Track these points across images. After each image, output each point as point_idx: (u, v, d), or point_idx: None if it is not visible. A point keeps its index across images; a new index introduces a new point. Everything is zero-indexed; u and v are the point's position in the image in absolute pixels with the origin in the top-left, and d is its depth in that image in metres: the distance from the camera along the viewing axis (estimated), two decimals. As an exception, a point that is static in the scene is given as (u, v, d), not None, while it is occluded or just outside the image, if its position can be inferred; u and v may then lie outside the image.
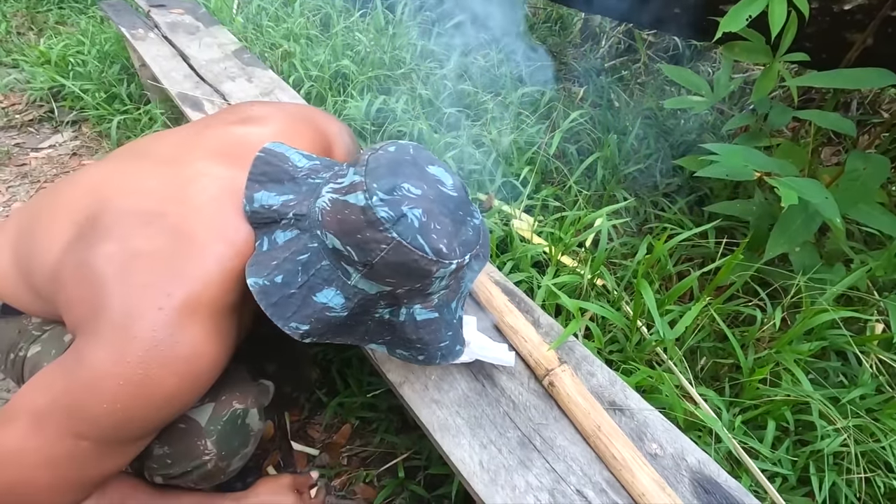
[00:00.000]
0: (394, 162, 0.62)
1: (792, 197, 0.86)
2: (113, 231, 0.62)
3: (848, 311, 0.98)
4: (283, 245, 0.64)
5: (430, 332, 0.68)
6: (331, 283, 0.62)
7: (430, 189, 0.61)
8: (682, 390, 0.97)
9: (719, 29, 1.05)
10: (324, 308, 0.63)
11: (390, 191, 0.59)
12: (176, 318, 0.58)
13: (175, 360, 0.58)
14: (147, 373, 0.57)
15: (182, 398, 0.61)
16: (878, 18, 1.20)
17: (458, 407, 0.78)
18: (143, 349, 0.57)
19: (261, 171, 0.68)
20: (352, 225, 0.59)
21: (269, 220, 0.66)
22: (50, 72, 1.97)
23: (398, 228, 0.58)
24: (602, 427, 0.73)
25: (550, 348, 0.81)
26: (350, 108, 1.57)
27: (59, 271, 0.64)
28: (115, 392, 0.56)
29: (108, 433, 0.59)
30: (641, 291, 0.95)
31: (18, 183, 1.78)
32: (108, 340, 0.57)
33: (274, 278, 0.62)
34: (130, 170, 0.71)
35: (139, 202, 0.65)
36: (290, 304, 0.62)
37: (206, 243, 0.63)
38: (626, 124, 1.90)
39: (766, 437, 0.94)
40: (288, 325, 0.62)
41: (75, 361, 0.58)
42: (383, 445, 1.14)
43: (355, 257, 0.60)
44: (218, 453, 0.70)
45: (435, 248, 0.59)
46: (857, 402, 0.98)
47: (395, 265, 0.59)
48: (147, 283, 0.59)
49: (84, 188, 0.70)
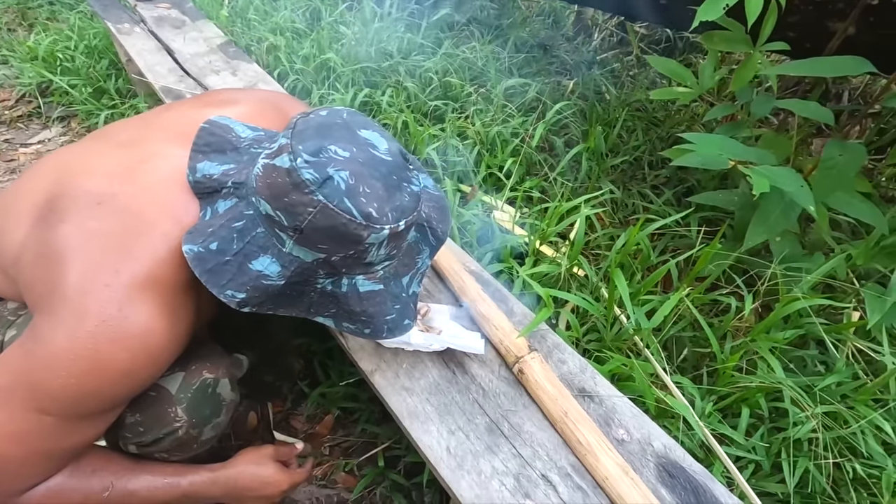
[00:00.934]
0: (322, 125, 0.62)
1: (763, 185, 0.86)
2: (69, 212, 0.63)
3: (821, 299, 0.98)
4: (222, 214, 0.64)
5: (374, 304, 0.67)
6: (266, 251, 0.62)
7: (359, 152, 0.61)
8: (657, 378, 0.97)
9: (696, 18, 1.04)
10: (259, 276, 0.62)
11: (316, 153, 0.58)
12: (124, 295, 0.59)
13: (125, 335, 0.59)
14: (97, 347, 0.58)
15: (137, 373, 0.62)
16: (858, 7, 1.20)
17: (429, 394, 0.78)
18: (93, 325, 0.58)
19: (204, 142, 0.69)
20: (279, 188, 0.59)
21: (211, 189, 0.66)
22: (38, 67, 1.97)
23: (324, 191, 0.57)
24: (569, 413, 0.73)
25: (520, 335, 0.82)
26: (335, 100, 1.57)
27: (22, 253, 0.65)
28: (69, 367, 0.57)
29: (68, 407, 0.60)
30: (615, 280, 0.95)
31: (7, 178, 1.79)
32: (61, 317, 0.58)
33: (209, 245, 0.62)
34: (89, 153, 0.72)
35: (94, 183, 0.65)
36: (225, 272, 0.62)
37: (154, 221, 0.64)
38: (617, 116, 1.89)
39: (740, 424, 0.95)
40: (223, 292, 0.62)
41: (32, 339, 0.60)
42: (364, 435, 1.15)
43: (285, 222, 0.59)
44: (189, 420, 0.71)
45: (364, 212, 0.58)
46: (831, 390, 0.98)
47: (324, 229, 0.59)
48: (97, 262, 0.60)
49: (46, 172, 0.71)
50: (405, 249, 0.71)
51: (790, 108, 1.13)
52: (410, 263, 0.72)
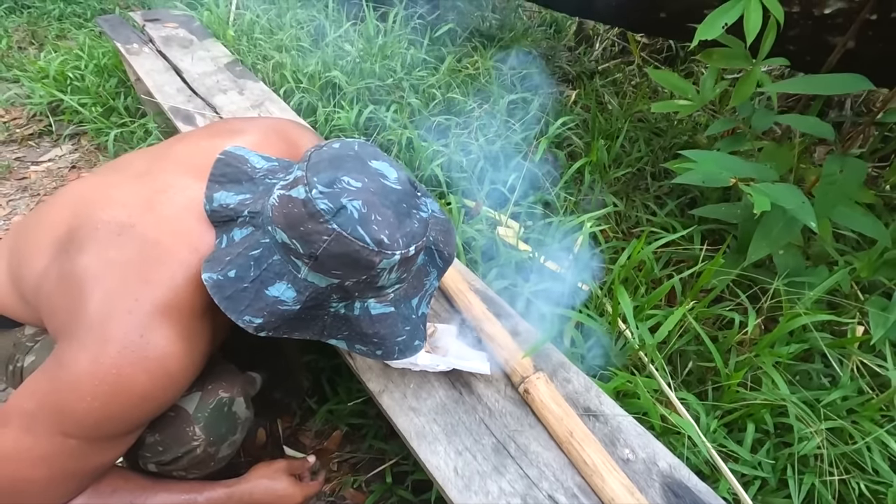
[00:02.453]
0: (335, 157, 0.65)
1: (764, 203, 0.87)
2: (89, 243, 0.66)
3: (824, 315, 0.99)
4: (239, 242, 0.67)
5: (385, 326, 0.70)
6: (282, 277, 0.65)
7: (371, 182, 0.63)
8: (662, 395, 0.98)
9: (695, 37, 1.06)
10: (276, 301, 0.65)
11: (330, 183, 0.61)
12: (145, 321, 0.62)
13: (145, 359, 0.61)
14: (120, 372, 0.60)
15: (157, 396, 0.64)
16: (857, 22, 1.21)
17: (436, 414, 0.79)
18: (116, 350, 0.60)
19: (221, 173, 0.72)
20: (295, 218, 0.61)
21: (228, 218, 0.69)
22: (49, 87, 2.01)
23: (338, 220, 0.60)
24: (574, 433, 0.74)
25: (525, 356, 0.83)
26: (340, 118, 1.60)
27: (43, 283, 0.68)
28: (93, 391, 0.60)
29: (91, 430, 0.62)
30: (618, 297, 0.96)
31: (19, 196, 1.82)
32: (84, 344, 0.61)
33: (227, 273, 0.64)
34: (107, 184, 0.75)
35: (113, 214, 0.68)
36: (243, 298, 0.64)
37: (172, 250, 0.66)
38: (619, 127, 1.91)
39: (746, 440, 0.95)
40: (241, 318, 0.64)
41: (56, 365, 0.62)
42: (372, 451, 1.16)
43: (301, 250, 0.62)
44: (206, 439, 0.73)
45: (376, 239, 0.61)
46: (837, 405, 0.99)
47: (339, 256, 0.61)
48: (118, 290, 0.63)
49: (65, 204, 0.73)
50: (414, 272, 0.73)
51: (790, 123, 1.15)
52: (419, 285, 0.74)
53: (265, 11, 2.16)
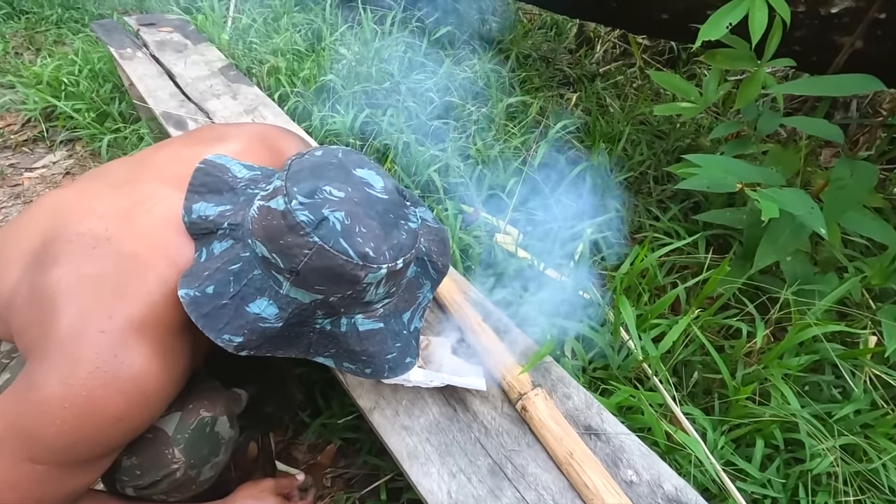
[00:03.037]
0: (317, 165, 0.61)
1: (773, 210, 0.83)
2: (63, 256, 0.62)
3: (835, 326, 0.95)
4: (218, 255, 0.63)
5: (374, 343, 0.66)
6: (263, 293, 0.61)
7: (355, 192, 0.60)
8: (667, 409, 0.94)
9: (699, 37, 1.03)
10: (257, 318, 0.61)
11: (310, 194, 0.58)
12: (119, 339, 0.58)
13: (119, 380, 0.58)
14: (91, 394, 0.56)
15: (132, 418, 0.61)
16: (865, 21, 1.18)
17: (429, 433, 0.76)
18: (87, 371, 0.57)
19: (200, 182, 0.68)
20: (275, 230, 0.58)
21: (207, 230, 0.65)
22: (43, 92, 1.99)
23: (319, 232, 0.56)
24: (575, 454, 0.70)
25: (523, 371, 0.79)
26: (335, 122, 1.57)
27: (14, 297, 0.64)
28: (63, 415, 0.56)
29: (62, 455, 0.59)
30: (621, 307, 0.93)
31: (11, 203, 1.79)
32: (54, 364, 0.57)
33: (205, 289, 0.61)
34: (84, 194, 0.71)
35: (88, 226, 0.65)
36: (221, 315, 0.61)
37: (149, 264, 0.63)
38: (621, 129, 1.87)
39: (755, 457, 0.91)
40: (220, 337, 0.61)
41: (25, 386, 0.58)
42: (366, 467, 1.12)
43: (281, 264, 0.59)
44: (186, 461, 0.69)
45: (360, 252, 0.57)
46: (850, 419, 0.95)
47: (321, 271, 0.58)
48: (91, 306, 0.59)
49: (41, 214, 0.70)
50: (405, 286, 0.69)
51: (797, 125, 1.11)
52: (411, 299, 0.70)
53: (261, 15, 2.13)
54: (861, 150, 1.92)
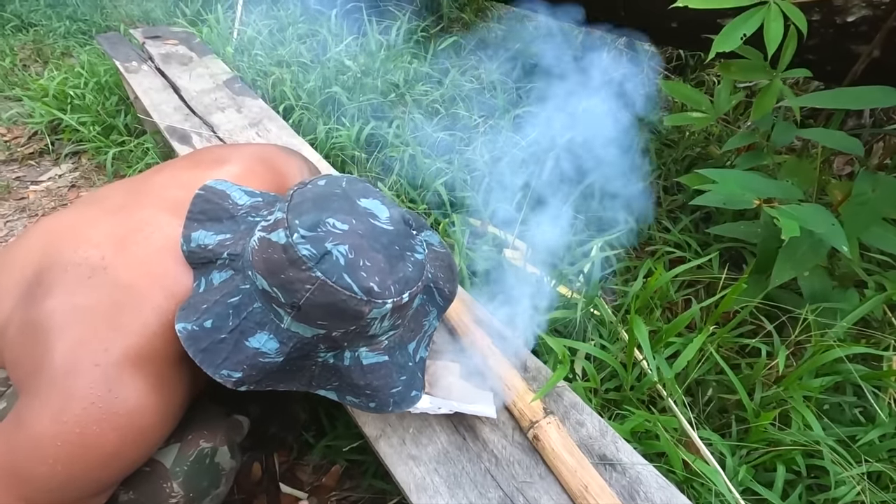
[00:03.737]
0: (320, 196, 0.60)
1: (794, 228, 0.80)
2: (57, 286, 0.61)
3: (860, 348, 0.91)
4: (217, 287, 0.61)
5: (379, 377, 0.64)
6: (263, 327, 0.59)
7: (359, 223, 0.58)
8: (683, 433, 0.91)
9: (712, 49, 1.00)
10: (256, 354, 0.59)
11: (313, 227, 0.56)
12: (114, 374, 0.56)
13: (114, 416, 0.56)
14: (84, 431, 0.54)
15: (127, 454, 0.59)
16: (883, 30, 1.15)
17: (437, 464, 0.73)
18: (81, 407, 0.55)
19: (200, 210, 0.66)
20: (275, 264, 0.56)
21: (206, 260, 0.63)
22: (49, 106, 1.99)
23: (322, 267, 0.54)
24: (590, 487, 0.67)
25: (535, 398, 0.76)
26: (341, 135, 1.55)
27: (7, 328, 0.62)
28: (55, 453, 0.54)
29: (55, 495, 0.57)
30: (635, 330, 0.90)
31: (17, 217, 1.79)
32: (46, 400, 0.55)
33: (203, 323, 0.59)
34: (80, 221, 0.70)
35: (84, 255, 0.63)
36: (220, 350, 0.59)
37: (145, 295, 0.61)
38: (630, 139, 1.85)
39: (777, 484, 0.88)
40: (218, 372, 0.59)
41: (16, 423, 0.56)
42: (372, 490, 1.09)
43: (282, 299, 0.57)
44: (185, 495, 0.67)
45: (364, 287, 0.56)
46: (875, 444, 0.91)
47: (324, 306, 0.56)
48: (85, 340, 0.57)
49: (36, 241, 0.68)
50: (411, 316, 0.67)
51: (814, 137, 1.08)
52: (417, 328, 0.68)
53: (266, 27, 2.13)
54: (875, 158, 1.88)
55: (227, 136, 1.42)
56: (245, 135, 1.43)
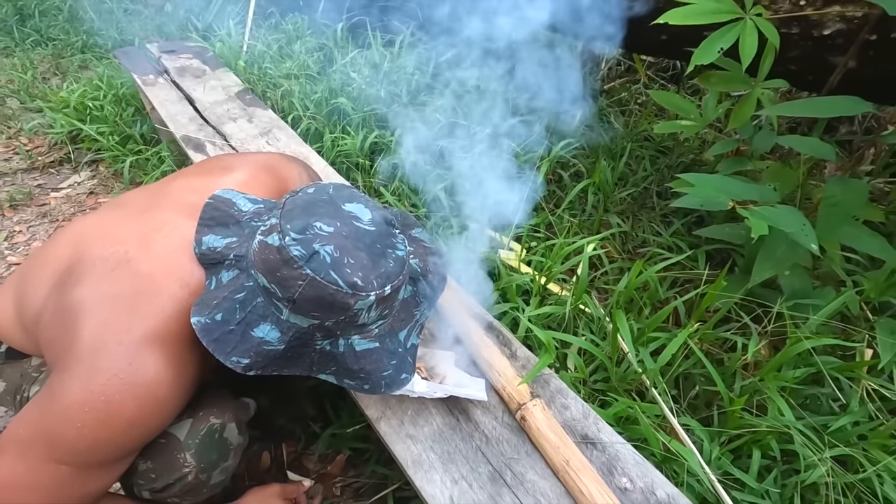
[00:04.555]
0: (308, 203, 0.68)
1: (762, 227, 0.87)
2: (85, 277, 0.69)
3: (828, 339, 0.97)
4: (225, 284, 0.69)
5: (370, 361, 0.71)
6: (266, 319, 0.67)
7: (343, 226, 0.66)
8: (665, 421, 0.97)
9: (691, 62, 1.07)
10: (261, 342, 0.67)
11: (302, 230, 0.64)
12: (135, 350, 0.64)
13: (134, 386, 0.63)
14: (109, 399, 0.62)
15: (146, 422, 0.66)
16: (856, 43, 1.21)
17: (433, 442, 0.80)
18: (105, 378, 0.62)
19: (209, 216, 0.75)
20: (272, 264, 0.64)
21: (215, 260, 0.71)
22: (69, 116, 2.09)
23: (311, 265, 0.62)
24: (571, 461, 0.74)
25: (522, 382, 0.83)
26: (346, 143, 1.63)
27: (42, 314, 0.71)
28: (83, 418, 0.62)
29: (83, 457, 0.64)
30: (618, 322, 0.96)
31: (39, 222, 1.88)
32: (76, 372, 0.63)
33: (214, 316, 0.67)
34: (107, 222, 0.78)
35: (110, 251, 0.71)
36: (229, 340, 0.66)
37: (163, 284, 0.69)
38: (625, 146, 1.92)
39: (752, 467, 0.93)
40: (229, 359, 0.66)
41: (49, 394, 0.64)
42: (375, 476, 1.16)
43: (280, 294, 0.64)
44: (197, 466, 0.74)
45: (349, 282, 0.63)
46: (847, 430, 0.97)
47: (314, 299, 0.63)
48: (110, 321, 0.65)
49: (68, 240, 0.77)
50: (399, 306, 0.74)
51: (791, 144, 1.14)
52: (407, 317, 0.76)
53: (276, 41, 2.23)
54: (864, 164, 1.94)
55: (239, 145, 1.51)
56: (256, 143, 1.51)
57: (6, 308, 0.80)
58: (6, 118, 2.38)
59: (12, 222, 1.87)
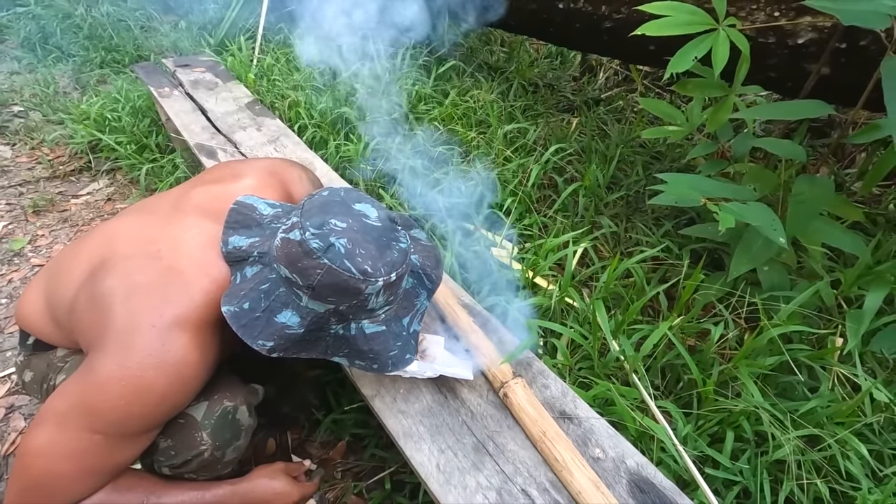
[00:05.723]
0: (324, 203, 0.78)
1: (728, 221, 0.94)
2: (118, 269, 0.78)
3: (796, 326, 1.03)
4: (250, 278, 0.78)
5: (378, 343, 0.80)
6: (288, 306, 0.76)
7: (354, 222, 0.76)
8: (645, 405, 1.03)
9: (667, 70, 1.15)
10: (284, 326, 0.76)
11: (320, 226, 0.73)
12: (166, 333, 0.73)
13: (165, 364, 0.71)
14: (143, 375, 0.70)
15: (174, 397, 0.74)
16: (827, 51, 1.29)
17: (422, 416, 0.87)
18: (140, 356, 0.71)
19: (234, 220, 0.84)
20: (294, 256, 0.73)
21: (241, 258, 0.81)
22: (89, 127, 2.21)
23: (328, 255, 0.71)
24: (547, 432, 0.81)
25: (504, 362, 0.90)
26: (349, 150, 1.73)
27: (75, 303, 0.79)
28: (119, 392, 0.70)
29: (116, 427, 0.72)
30: (597, 312, 1.03)
31: (60, 227, 1.99)
32: (112, 352, 0.71)
33: (242, 305, 0.76)
34: (136, 223, 0.88)
35: (141, 248, 0.81)
36: (256, 325, 0.75)
37: (192, 277, 0.78)
38: (620, 151, 1.99)
39: (725, 448, 0.99)
40: (256, 342, 0.75)
41: (87, 371, 0.72)
42: (373, 460, 1.23)
43: (300, 282, 0.73)
44: (213, 444, 0.82)
45: (361, 269, 0.72)
46: (818, 412, 1.02)
47: (331, 286, 0.72)
48: (143, 307, 0.74)
49: (99, 239, 0.86)
50: (402, 295, 0.83)
51: (766, 147, 1.21)
52: (409, 306, 0.85)
53: (283, 55, 2.34)
54: (858, 165, 1.99)
55: (249, 152, 1.60)
56: (264, 150, 1.61)
57: (36, 301, 0.89)
58: (30, 130, 2.51)
59: (35, 227, 1.98)
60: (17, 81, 2.96)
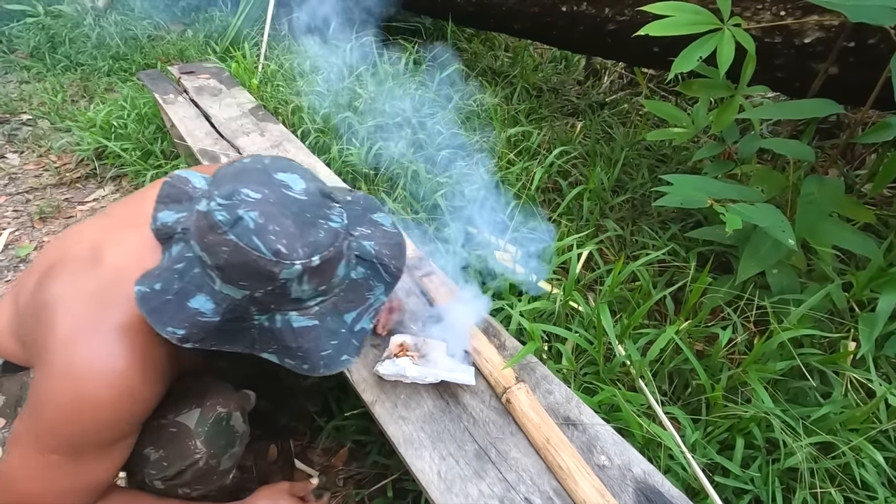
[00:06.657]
0: (240, 171, 0.68)
1: (735, 222, 0.92)
2: (60, 275, 0.73)
3: (807, 330, 1.01)
4: (173, 257, 0.70)
5: (308, 340, 0.69)
6: (202, 289, 0.66)
7: (271, 193, 0.65)
8: (652, 410, 1.01)
9: (671, 70, 1.13)
10: (196, 313, 0.66)
11: (228, 196, 0.63)
12: (105, 341, 0.67)
13: (108, 374, 0.66)
14: (84, 386, 0.66)
15: (123, 407, 0.69)
16: (835, 50, 1.27)
17: (423, 423, 0.85)
18: (81, 368, 0.66)
19: (165, 194, 0.75)
20: (201, 231, 0.64)
21: (168, 235, 0.72)
22: (95, 135, 2.22)
23: (235, 231, 0.61)
24: (551, 439, 0.79)
25: (506, 367, 0.88)
26: (352, 154, 1.72)
27: (24, 316, 0.75)
28: (64, 406, 0.66)
29: (73, 443, 0.68)
30: (601, 316, 1.01)
31: (65, 233, 2.00)
32: (53, 365, 0.67)
33: (154, 285, 0.67)
34: (89, 227, 0.81)
35: (88, 251, 0.74)
36: (166, 310, 0.66)
37: (130, 274, 0.69)
38: (625, 154, 1.97)
39: (735, 455, 0.97)
40: (165, 329, 0.65)
41: (33, 390, 0.69)
42: (376, 467, 1.21)
43: (209, 261, 0.64)
44: (207, 451, 0.78)
45: (272, 249, 0.61)
46: (830, 418, 0.99)
47: (239, 266, 0.62)
48: (83, 315, 0.69)
49: (56, 246, 0.82)
50: (348, 286, 0.73)
51: (773, 148, 1.19)
52: (358, 300, 0.73)
53: (287, 60, 2.35)
54: (868, 166, 1.96)
55: (252, 157, 1.60)
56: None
57: (2, 321, 0.82)
58: (37, 138, 2.53)
59: (41, 233, 1.99)
60: (27, 90, 3.00)
